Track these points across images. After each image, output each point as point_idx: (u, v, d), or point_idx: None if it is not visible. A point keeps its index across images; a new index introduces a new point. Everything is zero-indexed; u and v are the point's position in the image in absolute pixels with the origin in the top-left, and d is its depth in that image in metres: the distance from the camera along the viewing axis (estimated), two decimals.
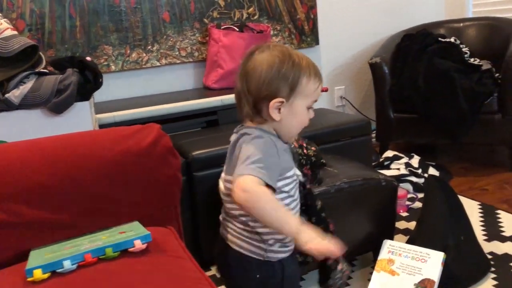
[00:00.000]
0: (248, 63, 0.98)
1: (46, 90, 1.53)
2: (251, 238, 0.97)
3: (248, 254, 0.97)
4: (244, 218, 0.96)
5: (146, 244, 0.90)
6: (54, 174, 0.98)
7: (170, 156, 1.10)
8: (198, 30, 2.52)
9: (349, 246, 1.60)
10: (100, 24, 2.32)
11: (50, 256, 0.88)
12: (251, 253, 0.98)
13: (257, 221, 0.93)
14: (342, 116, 2.20)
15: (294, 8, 2.71)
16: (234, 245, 0.98)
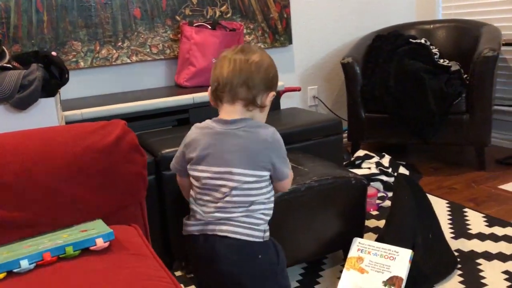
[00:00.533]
0: (249, 59, 1.11)
1: (9, 85, 1.48)
2: (252, 223, 1.09)
3: (249, 239, 1.08)
4: (259, 205, 1.11)
5: (109, 243, 0.88)
6: (13, 171, 0.95)
7: (135, 153, 1.08)
8: (169, 27, 2.49)
9: (319, 244, 1.62)
10: (69, 20, 2.27)
11: (7, 256, 0.84)
12: (251, 237, 1.08)
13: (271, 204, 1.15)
14: (314, 115, 2.21)
15: (267, 7, 2.71)
16: (233, 234, 1.06)
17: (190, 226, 1.08)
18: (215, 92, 1.13)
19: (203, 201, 1.09)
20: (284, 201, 1.48)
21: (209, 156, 1.07)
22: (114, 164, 1.04)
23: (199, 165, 1.08)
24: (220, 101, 1.13)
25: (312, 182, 1.53)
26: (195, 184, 1.09)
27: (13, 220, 0.94)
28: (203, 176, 1.07)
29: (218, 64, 1.13)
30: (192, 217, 1.10)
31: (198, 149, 1.08)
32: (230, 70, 1.10)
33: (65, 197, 0.99)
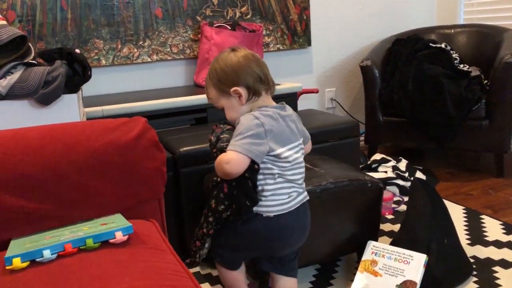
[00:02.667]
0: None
1: (33, 81, 1.52)
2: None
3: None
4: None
5: (127, 236, 0.90)
6: (38, 164, 0.98)
7: (155, 149, 1.10)
8: (190, 27, 2.52)
9: (333, 246, 1.62)
10: (92, 18, 2.31)
11: (30, 245, 0.87)
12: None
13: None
14: (331, 117, 2.21)
15: (287, 8, 2.72)
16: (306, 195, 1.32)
17: (284, 205, 1.23)
18: (259, 85, 1.24)
19: (294, 177, 1.26)
20: None
21: (285, 135, 1.24)
22: (135, 160, 1.06)
23: (286, 146, 1.24)
24: (259, 94, 1.25)
25: (328, 184, 1.53)
26: (283, 165, 1.23)
27: (36, 212, 0.97)
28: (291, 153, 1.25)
29: (248, 62, 1.24)
30: (273, 197, 1.22)
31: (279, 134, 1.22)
32: (263, 65, 1.27)
33: (87, 190, 1.01)
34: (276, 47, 2.73)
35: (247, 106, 1.26)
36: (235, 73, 1.24)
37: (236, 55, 1.26)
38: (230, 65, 1.25)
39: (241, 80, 1.23)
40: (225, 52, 1.29)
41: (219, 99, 1.28)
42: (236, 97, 1.25)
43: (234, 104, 1.26)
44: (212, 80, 1.28)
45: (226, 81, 1.25)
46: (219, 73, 1.26)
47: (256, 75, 1.24)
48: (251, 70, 1.24)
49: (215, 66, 1.28)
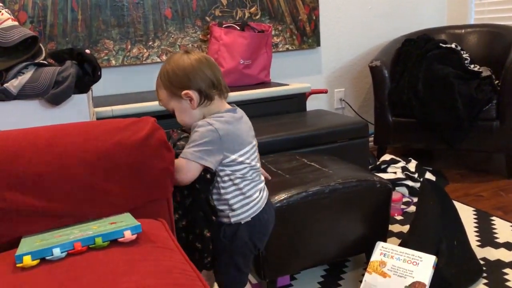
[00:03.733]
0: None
1: (44, 81, 1.54)
2: None
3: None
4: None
5: (136, 235, 0.91)
6: (47, 163, 0.99)
7: (164, 149, 1.10)
8: (199, 28, 2.53)
9: (342, 246, 1.62)
10: (102, 19, 2.33)
11: (40, 244, 0.88)
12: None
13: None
14: (340, 118, 2.21)
15: (296, 9, 2.72)
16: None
17: (256, 205, 1.24)
18: (211, 89, 1.22)
19: (254, 175, 1.25)
20: (307, 202, 1.49)
21: (242, 138, 1.24)
22: (144, 160, 1.06)
23: (244, 149, 1.23)
24: (211, 99, 1.23)
25: (336, 185, 1.53)
26: (244, 169, 1.22)
27: (46, 210, 0.98)
28: (249, 155, 1.24)
29: (200, 66, 1.22)
30: (244, 201, 1.23)
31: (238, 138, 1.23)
32: (217, 69, 1.26)
33: (96, 190, 1.02)
34: (285, 47, 2.73)
35: (199, 111, 1.24)
36: (187, 76, 1.21)
37: (189, 58, 1.23)
38: (183, 67, 1.22)
39: (193, 84, 1.21)
40: (178, 53, 1.27)
41: (170, 101, 1.26)
42: (187, 101, 1.23)
43: (185, 107, 1.24)
44: (163, 82, 1.25)
45: (177, 84, 1.22)
46: (170, 75, 1.23)
47: (208, 79, 1.22)
48: (203, 74, 1.22)
49: (166, 68, 1.25)
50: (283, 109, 2.26)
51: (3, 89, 1.50)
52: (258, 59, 2.49)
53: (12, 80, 1.53)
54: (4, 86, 1.51)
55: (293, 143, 1.95)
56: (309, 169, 1.66)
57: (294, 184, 1.52)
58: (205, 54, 1.28)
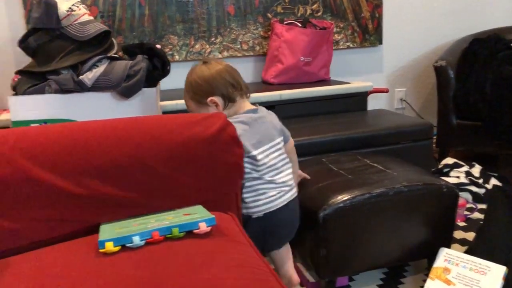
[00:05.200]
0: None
1: (117, 75, 1.60)
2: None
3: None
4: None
5: (210, 227, 0.93)
6: (126, 153, 1.03)
7: (234, 144, 1.12)
8: (261, 24, 2.54)
9: (403, 250, 1.58)
10: (168, 14, 2.39)
11: (120, 231, 0.92)
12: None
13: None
14: (403, 118, 2.15)
15: (359, 6, 2.67)
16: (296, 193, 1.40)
17: (271, 203, 1.29)
18: (232, 91, 1.35)
19: (274, 177, 1.31)
20: (371, 203, 1.47)
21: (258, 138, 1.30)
22: (215, 154, 1.09)
23: (260, 148, 1.29)
24: (234, 100, 1.35)
25: (401, 187, 1.49)
26: (257, 165, 1.28)
27: (123, 199, 1.02)
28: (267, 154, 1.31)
29: (220, 73, 1.36)
30: (257, 197, 1.28)
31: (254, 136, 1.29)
32: (235, 71, 1.40)
33: (170, 181, 1.05)
34: (346, 44, 2.69)
35: (225, 113, 1.29)
36: (209, 84, 1.34)
37: (208, 68, 1.37)
38: (203, 77, 1.35)
39: (215, 90, 1.33)
40: (197, 65, 1.40)
41: (198, 109, 1.37)
42: (213, 106, 1.34)
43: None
44: (188, 93, 1.39)
45: (201, 93, 1.35)
46: (193, 86, 1.37)
47: (228, 83, 1.35)
48: (222, 80, 1.34)
49: (189, 80, 1.39)
50: (343, 108, 2.23)
51: (79, 81, 1.58)
52: (319, 57, 2.47)
53: (87, 72, 1.60)
54: (79, 78, 1.58)
55: (354, 143, 1.92)
56: (372, 170, 1.63)
57: (357, 185, 1.50)
58: (222, 61, 1.42)
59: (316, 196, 1.50)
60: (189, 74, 1.41)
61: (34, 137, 1.00)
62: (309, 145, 1.84)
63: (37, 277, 0.84)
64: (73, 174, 0.98)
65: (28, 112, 1.58)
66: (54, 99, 1.58)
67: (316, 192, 1.52)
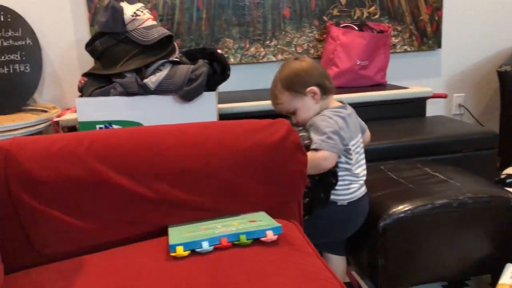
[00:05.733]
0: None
1: (179, 78, 1.64)
2: None
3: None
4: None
5: (277, 236, 0.93)
6: (194, 158, 1.05)
7: (298, 152, 1.12)
8: (316, 27, 2.52)
9: (465, 264, 1.52)
10: (224, 18, 2.42)
11: (189, 235, 0.94)
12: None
13: None
14: (465, 126, 2.07)
15: (418, 8, 2.60)
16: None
17: (353, 193, 1.40)
18: (327, 83, 1.41)
19: (357, 170, 1.41)
20: (433, 215, 1.43)
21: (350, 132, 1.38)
22: (279, 161, 1.09)
23: (352, 141, 1.38)
24: (327, 94, 1.42)
25: (466, 199, 1.44)
26: (350, 157, 1.38)
27: (190, 203, 1.04)
28: (354, 148, 1.40)
29: (313, 65, 1.43)
30: (345, 186, 1.39)
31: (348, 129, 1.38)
32: (324, 68, 1.51)
33: (235, 187, 1.06)
34: (403, 48, 2.63)
35: (319, 105, 1.40)
36: (307, 74, 1.39)
37: (302, 62, 1.43)
38: (301, 68, 1.40)
39: (314, 80, 1.39)
40: (289, 61, 1.47)
41: (292, 102, 1.41)
42: (309, 97, 1.39)
43: (309, 104, 1.40)
44: (285, 85, 1.41)
45: (300, 82, 1.38)
46: (292, 77, 1.40)
47: (323, 74, 1.42)
48: (318, 71, 1.41)
49: (285, 73, 1.42)
50: (401, 113, 2.18)
51: (143, 84, 1.62)
52: (375, 60, 2.42)
53: (150, 76, 1.64)
54: (144, 81, 1.63)
55: (413, 150, 1.87)
56: (433, 179, 1.58)
57: (419, 195, 1.46)
58: (299, 60, 1.46)
59: (376, 205, 1.47)
60: (283, 68, 1.45)
61: (107, 140, 1.04)
62: (366, 151, 1.80)
63: (111, 277, 0.87)
64: (144, 178, 1.01)
65: (94, 113, 1.65)
66: (118, 101, 1.64)
67: (376, 200, 1.49)
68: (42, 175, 0.99)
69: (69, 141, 1.03)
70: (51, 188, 0.99)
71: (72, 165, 1.00)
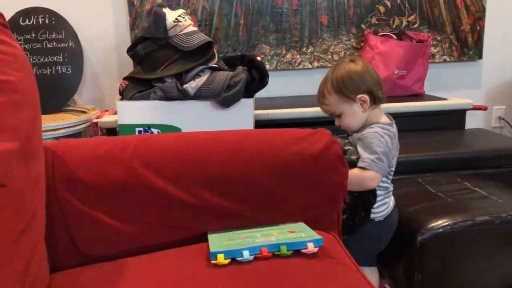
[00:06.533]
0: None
1: (217, 85, 1.65)
2: None
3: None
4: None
5: (318, 248, 0.92)
6: (233, 166, 1.05)
7: (339, 163, 1.11)
8: (353, 35, 2.50)
9: (505, 285, 1.47)
10: (262, 24, 2.43)
11: (229, 243, 0.94)
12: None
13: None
14: (507, 140, 2.01)
15: (458, 18, 2.54)
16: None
17: (387, 209, 1.40)
18: (379, 92, 1.33)
19: (391, 187, 1.42)
20: (473, 231, 1.39)
21: (394, 152, 1.36)
22: (319, 172, 1.08)
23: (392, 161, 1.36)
24: (377, 103, 1.35)
25: (509, 217, 1.40)
26: (390, 178, 1.39)
27: (230, 210, 1.05)
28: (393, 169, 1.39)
29: (368, 70, 1.33)
30: (384, 200, 1.39)
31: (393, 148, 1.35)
32: (378, 74, 1.37)
33: (274, 196, 1.06)
34: (442, 58, 2.58)
35: (366, 114, 1.35)
36: (360, 79, 1.31)
37: (358, 64, 1.34)
38: (355, 71, 1.32)
39: (366, 87, 1.32)
40: (344, 62, 1.37)
41: (339, 105, 1.35)
42: (358, 104, 1.33)
43: (356, 111, 1.34)
44: (336, 87, 1.34)
45: (351, 87, 1.32)
46: (344, 79, 1.32)
47: (377, 82, 1.33)
48: (372, 78, 1.33)
49: (338, 74, 1.34)
50: (439, 125, 2.14)
51: (183, 90, 1.65)
52: (414, 70, 2.38)
53: (190, 81, 1.67)
54: (183, 86, 1.65)
55: (452, 164, 1.83)
56: (474, 195, 1.54)
57: (459, 210, 1.43)
58: (351, 62, 1.38)
59: (414, 219, 1.44)
60: (335, 70, 1.37)
61: (151, 146, 1.06)
62: (404, 163, 1.78)
63: (152, 281, 0.88)
64: (185, 184, 1.02)
65: (134, 116, 1.68)
66: (158, 106, 1.66)
67: (414, 214, 1.46)
68: (87, 177, 1.01)
69: (114, 145, 1.05)
70: (95, 191, 1.01)
71: (117, 169, 1.02)
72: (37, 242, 0.84)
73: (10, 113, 0.80)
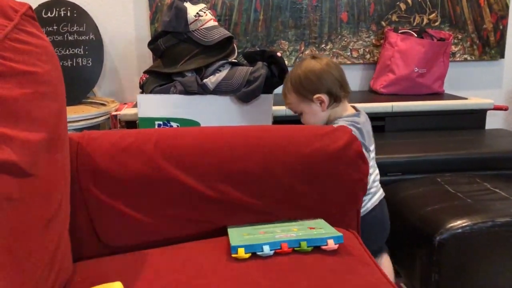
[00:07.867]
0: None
1: (237, 80, 1.66)
2: None
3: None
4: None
5: (338, 245, 0.92)
6: (255, 161, 1.06)
7: (360, 160, 1.10)
8: (373, 32, 2.48)
9: None
10: (281, 20, 2.42)
11: (249, 238, 0.95)
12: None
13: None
14: None
15: (481, 17, 2.51)
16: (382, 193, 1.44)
17: (373, 198, 1.36)
18: (340, 91, 1.34)
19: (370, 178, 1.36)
20: (493, 233, 1.38)
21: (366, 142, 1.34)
22: (340, 169, 1.08)
23: (367, 152, 1.32)
24: (339, 100, 1.36)
25: None
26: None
27: (250, 205, 1.05)
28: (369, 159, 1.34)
29: (327, 69, 1.34)
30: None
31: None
32: (342, 71, 1.38)
33: (294, 192, 1.07)
34: (463, 57, 2.54)
35: (327, 112, 1.36)
36: (319, 80, 1.32)
37: (318, 62, 1.35)
38: (313, 71, 1.33)
39: (324, 87, 1.32)
40: (306, 59, 1.38)
41: (299, 105, 1.38)
42: (317, 103, 1.35)
43: (315, 110, 1.36)
44: (294, 87, 1.36)
45: (309, 87, 1.34)
46: (302, 79, 1.34)
47: (337, 81, 1.33)
48: (332, 77, 1.33)
49: (298, 73, 1.36)
50: (459, 125, 2.11)
51: (203, 84, 1.65)
52: (434, 68, 2.36)
53: (210, 76, 1.67)
54: (203, 81, 1.66)
55: (471, 164, 1.81)
56: (493, 196, 1.53)
57: (478, 211, 1.41)
58: (329, 58, 1.41)
59: (432, 218, 1.43)
60: (297, 67, 1.39)
61: (173, 139, 1.07)
62: (423, 162, 1.77)
63: (174, 273, 0.89)
64: (206, 178, 1.03)
65: (154, 110, 1.69)
66: (178, 100, 1.68)
67: (432, 214, 1.45)
68: (111, 169, 1.03)
69: (137, 137, 1.07)
70: (118, 182, 1.03)
71: (139, 161, 1.03)
72: (62, 231, 0.86)
73: (38, 104, 0.82)
